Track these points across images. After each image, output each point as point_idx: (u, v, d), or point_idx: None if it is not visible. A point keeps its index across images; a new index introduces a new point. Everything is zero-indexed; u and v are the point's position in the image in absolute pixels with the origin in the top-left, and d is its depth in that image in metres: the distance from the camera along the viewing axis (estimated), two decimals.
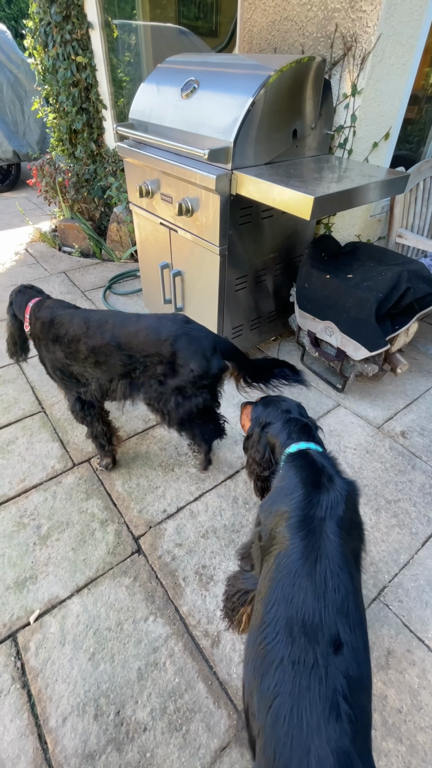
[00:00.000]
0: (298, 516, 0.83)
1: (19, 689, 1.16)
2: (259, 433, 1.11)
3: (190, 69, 1.84)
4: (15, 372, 2.25)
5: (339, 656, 0.67)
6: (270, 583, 0.77)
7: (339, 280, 1.91)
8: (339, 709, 0.62)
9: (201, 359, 1.35)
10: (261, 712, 0.66)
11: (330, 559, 0.76)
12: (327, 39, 1.88)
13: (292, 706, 0.63)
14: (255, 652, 0.72)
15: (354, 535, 0.84)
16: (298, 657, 0.67)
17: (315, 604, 0.71)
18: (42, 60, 3.34)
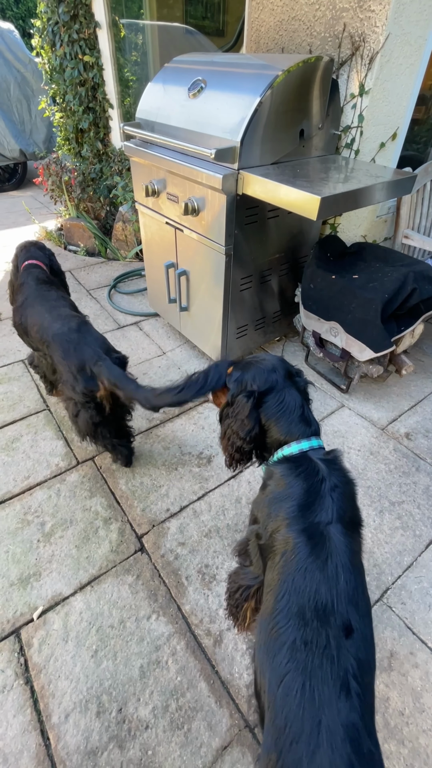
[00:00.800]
0: (301, 523, 0.83)
1: (22, 685, 1.17)
2: (246, 403, 0.97)
3: (197, 68, 1.85)
4: (20, 370, 2.27)
5: (350, 640, 0.70)
6: (279, 576, 0.80)
7: (344, 281, 1.90)
8: (349, 687, 0.66)
9: (68, 373, 1.38)
10: (272, 686, 0.69)
11: (339, 556, 0.79)
12: (335, 39, 1.87)
13: (304, 681, 0.67)
14: (267, 635, 0.75)
15: (356, 534, 0.86)
16: (311, 638, 0.70)
17: (327, 593, 0.74)
18: (49, 59, 3.35)
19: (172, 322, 2.50)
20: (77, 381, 1.36)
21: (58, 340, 1.41)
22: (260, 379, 1.00)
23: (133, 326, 2.67)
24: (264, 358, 1.05)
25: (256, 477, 1.75)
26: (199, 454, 1.84)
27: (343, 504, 0.86)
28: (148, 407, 1.27)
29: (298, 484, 0.88)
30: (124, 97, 3.45)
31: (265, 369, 1.01)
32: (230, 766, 1.05)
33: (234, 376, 1.04)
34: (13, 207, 4.81)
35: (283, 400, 0.98)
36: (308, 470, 0.90)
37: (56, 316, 1.49)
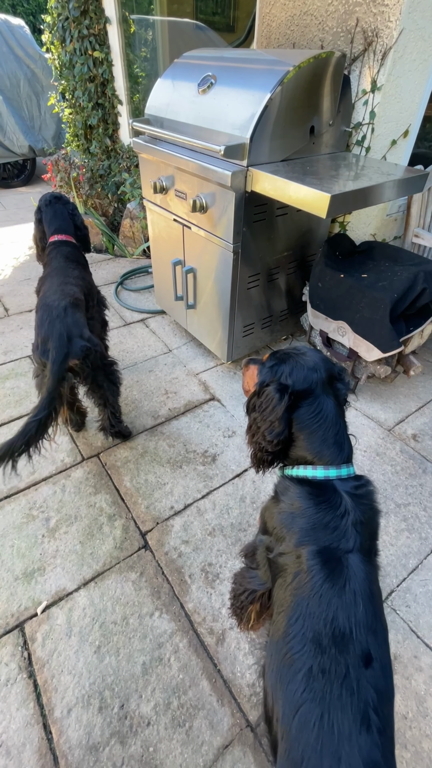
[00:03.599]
0: (317, 546, 0.79)
1: (25, 679, 1.18)
2: (277, 400, 0.85)
3: (207, 64, 1.83)
4: (27, 365, 2.28)
5: (369, 670, 0.67)
6: (293, 598, 0.77)
7: (353, 280, 1.88)
8: (370, 721, 0.62)
9: (36, 339, 1.45)
10: (287, 716, 0.66)
11: (359, 583, 0.75)
12: (347, 34, 1.85)
13: (323, 713, 0.63)
14: (280, 660, 0.72)
15: (374, 561, 0.82)
16: (329, 667, 0.67)
17: (346, 621, 0.71)
18: (59, 55, 3.35)
19: (179, 320, 2.49)
20: (38, 349, 1.43)
21: (44, 309, 1.47)
22: (298, 376, 0.86)
23: (139, 323, 2.67)
24: (304, 351, 0.90)
25: (260, 476, 1.74)
26: (204, 452, 1.84)
27: (366, 537, 0.81)
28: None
29: (316, 514, 0.82)
30: (133, 93, 3.44)
31: (305, 365, 0.87)
32: (231, 765, 1.05)
33: (268, 363, 0.91)
34: (22, 203, 4.83)
35: (320, 411, 0.86)
36: (330, 502, 0.82)
37: (58, 291, 1.53)
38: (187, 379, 2.23)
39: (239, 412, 2.04)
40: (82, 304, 1.57)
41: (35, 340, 1.46)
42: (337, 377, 0.91)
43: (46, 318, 1.44)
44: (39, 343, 1.43)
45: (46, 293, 1.54)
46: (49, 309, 1.46)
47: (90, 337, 1.47)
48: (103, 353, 1.59)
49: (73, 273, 1.66)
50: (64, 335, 1.40)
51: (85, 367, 1.46)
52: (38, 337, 1.44)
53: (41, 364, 1.44)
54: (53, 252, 1.74)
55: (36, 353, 1.44)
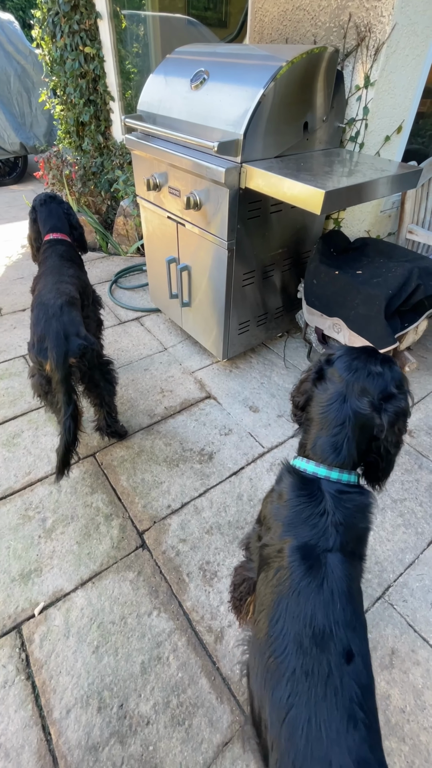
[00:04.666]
0: (297, 542, 0.80)
1: (23, 680, 1.17)
2: (310, 372, 0.89)
3: (199, 60, 1.82)
4: (21, 365, 2.26)
5: (351, 665, 0.67)
6: (273, 596, 0.77)
7: (348, 276, 1.88)
8: (356, 718, 0.62)
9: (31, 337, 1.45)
10: (275, 724, 0.65)
11: (336, 582, 0.75)
12: (340, 29, 1.84)
13: (310, 717, 0.63)
14: (263, 665, 0.72)
15: (356, 563, 0.81)
16: (312, 668, 0.67)
17: (325, 619, 0.71)
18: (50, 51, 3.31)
19: (174, 318, 2.48)
20: (34, 348, 1.42)
21: (40, 307, 1.46)
22: (340, 365, 0.86)
23: (134, 322, 2.66)
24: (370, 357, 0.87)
25: (257, 474, 1.74)
26: (201, 450, 1.83)
27: (348, 538, 0.80)
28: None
29: (296, 507, 0.83)
30: (126, 89, 3.41)
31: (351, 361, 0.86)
32: (231, 762, 1.05)
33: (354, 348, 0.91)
34: (14, 201, 4.78)
35: (330, 405, 0.85)
36: (311, 498, 0.83)
37: (54, 289, 1.52)
38: (183, 378, 2.22)
39: (235, 410, 2.04)
40: (77, 302, 1.56)
41: (31, 339, 1.45)
42: (375, 396, 0.84)
43: (42, 316, 1.43)
44: (35, 342, 1.42)
45: (41, 292, 1.53)
46: (45, 307, 1.44)
47: (86, 335, 1.46)
48: (100, 352, 1.59)
49: (68, 272, 1.64)
50: (61, 333, 1.39)
51: (82, 365, 1.45)
52: (34, 336, 1.43)
53: (37, 363, 1.43)
54: (48, 250, 1.73)
55: (32, 352, 1.43)
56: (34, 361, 1.45)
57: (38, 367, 1.44)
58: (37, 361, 1.42)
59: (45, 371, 1.42)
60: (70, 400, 1.43)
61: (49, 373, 1.42)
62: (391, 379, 0.85)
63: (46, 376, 1.44)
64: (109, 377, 1.65)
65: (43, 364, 1.41)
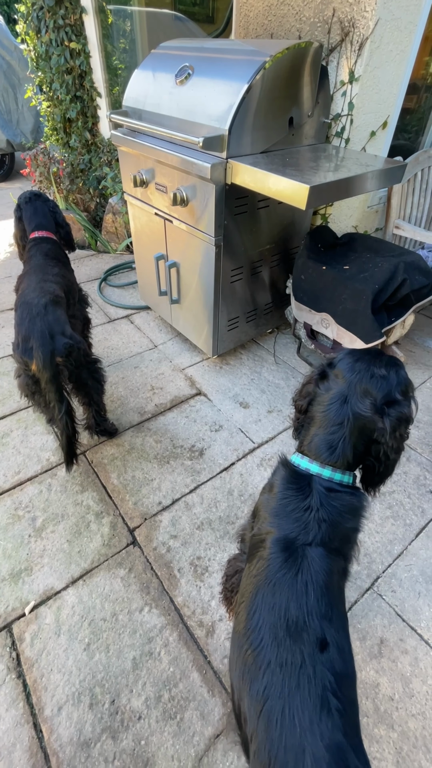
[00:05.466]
0: (278, 534, 0.80)
1: (14, 679, 1.17)
2: (311, 376, 0.90)
3: (184, 55, 1.81)
4: (9, 365, 2.24)
5: (325, 654, 0.67)
6: (252, 588, 0.77)
7: (335, 272, 1.89)
8: (330, 705, 0.63)
9: (16, 337, 1.45)
10: (252, 717, 0.66)
11: (312, 574, 0.75)
12: (324, 24, 1.84)
13: (284, 707, 0.63)
14: (242, 658, 0.72)
15: (338, 560, 0.80)
16: (286, 659, 0.67)
17: (297, 609, 0.71)
18: (35, 46, 3.27)
19: (164, 315, 2.48)
20: (18, 348, 1.41)
21: (23, 307, 1.45)
22: (342, 365, 0.87)
23: (124, 319, 2.65)
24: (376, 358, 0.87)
25: (248, 469, 1.75)
26: (191, 447, 1.84)
27: (331, 536, 0.79)
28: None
29: (283, 500, 0.83)
30: (113, 85, 3.38)
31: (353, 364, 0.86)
32: (222, 753, 1.06)
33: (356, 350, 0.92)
34: (1, 199, 4.72)
35: (331, 404, 0.85)
36: (299, 492, 0.83)
37: (37, 288, 1.51)
38: (173, 375, 2.22)
39: (226, 407, 2.04)
40: (62, 301, 1.55)
41: (15, 339, 1.44)
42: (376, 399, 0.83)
43: (26, 316, 1.41)
44: (20, 342, 1.40)
45: (25, 291, 1.51)
46: (28, 307, 1.43)
47: (72, 334, 1.45)
48: (87, 351, 1.58)
49: (52, 270, 1.63)
50: (46, 333, 1.38)
51: (69, 364, 1.44)
52: (18, 336, 1.41)
53: (23, 363, 1.42)
54: (33, 249, 1.71)
55: (17, 352, 1.42)
56: (19, 361, 1.43)
57: (24, 368, 1.43)
58: (22, 361, 1.41)
59: (31, 371, 1.41)
60: (62, 398, 1.44)
61: (35, 373, 1.41)
62: (397, 384, 0.84)
63: (33, 376, 1.43)
64: (97, 376, 1.65)
65: (29, 365, 1.40)
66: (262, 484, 1.69)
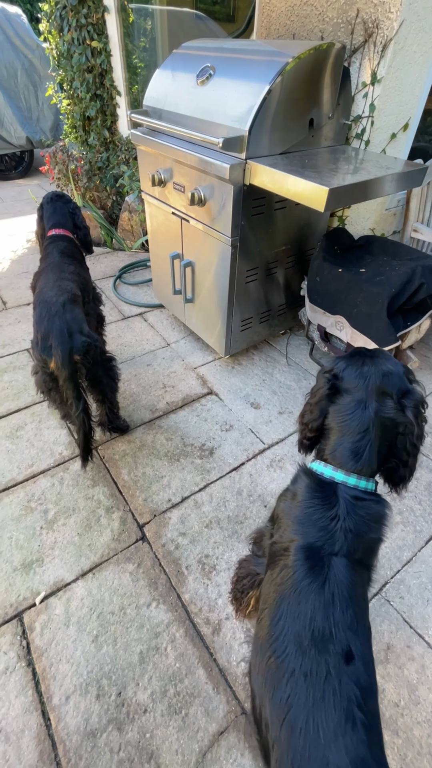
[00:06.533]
0: (303, 542, 0.80)
1: (24, 667, 1.19)
2: (322, 388, 0.89)
3: (206, 55, 1.81)
4: (25, 359, 2.28)
5: (351, 666, 0.67)
6: (276, 595, 0.77)
7: (351, 274, 1.88)
8: (355, 718, 0.62)
9: (35, 335, 1.47)
10: (275, 724, 0.66)
11: (338, 585, 0.74)
12: (348, 25, 1.83)
13: (308, 718, 0.63)
14: (265, 664, 0.72)
15: (363, 571, 0.81)
16: (310, 669, 0.67)
17: (324, 620, 0.71)
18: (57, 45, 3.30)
19: (177, 314, 2.49)
20: (38, 346, 1.43)
21: (42, 305, 1.47)
22: (349, 374, 0.88)
23: (137, 317, 2.67)
24: (378, 359, 0.89)
25: (257, 470, 1.75)
26: (202, 445, 1.85)
27: (356, 547, 0.79)
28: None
29: (309, 509, 0.82)
30: (132, 84, 3.41)
31: (360, 368, 0.88)
32: (226, 750, 1.07)
33: (346, 356, 0.93)
34: (20, 196, 4.79)
35: (351, 414, 0.85)
36: (325, 501, 0.82)
37: (55, 287, 1.53)
38: (185, 373, 2.23)
39: (237, 406, 2.05)
40: (79, 299, 1.57)
41: (34, 337, 1.46)
42: (394, 396, 0.85)
43: (45, 314, 1.44)
44: (39, 340, 1.43)
45: (43, 289, 1.54)
46: (47, 305, 1.46)
47: (89, 332, 1.48)
48: (103, 349, 1.60)
49: (69, 268, 1.65)
50: (64, 331, 1.41)
51: (86, 362, 1.46)
52: (38, 334, 1.44)
53: (41, 360, 1.44)
54: (49, 247, 1.74)
55: (36, 350, 1.44)
56: (38, 359, 1.46)
57: (42, 365, 1.45)
58: (41, 359, 1.44)
59: (49, 369, 1.44)
60: (79, 395, 1.46)
61: (54, 370, 1.43)
62: (401, 375, 0.86)
63: (51, 373, 1.45)
64: (112, 374, 1.67)
65: (47, 362, 1.42)
66: (271, 485, 1.70)
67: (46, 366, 1.43)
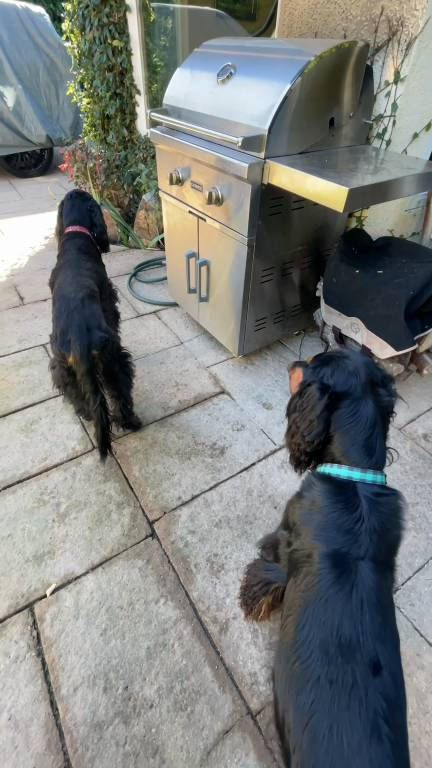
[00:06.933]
0: (328, 549, 0.79)
1: (34, 657, 1.21)
2: (318, 399, 0.87)
3: (227, 54, 1.81)
4: (41, 354, 2.31)
5: (378, 678, 0.66)
6: (301, 601, 0.77)
7: (368, 276, 1.86)
8: (380, 732, 0.61)
9: (54, 330, 1.49)
10: (297, 729, 0.66)
11: (366, 592, 0.73)
12: (371, 23, 1.80)
13: (332, 725, 0.62)
14: (289, 669, 0.72)
15: (388, 574, 0.80)
16: (336, 677, 0.66)
17: (352, 628, 0.70)
18: (78, 44, 3.34)
19: (191, 313, 2.50)
20: (56, 340, 1.45)
21: (61, 301, 1.49)
22: (339, 378, 0.88)
23: (152, 315, 2.68)
24: (348, 355, 0.92)
25: (268, 470, 1.75)
26: (213, 444, 1.85)
27: (381, 547, 0.78)
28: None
29: (332, 514, 0.81)
30: (152, 83, 3.42)
31: (346, 368, 0.89)
32: (231, 749, 1.07)
33: (311, 365, 0.93)
34: (39, 193, 4.86)
35: (355, 413, 0.86)
36: (347, 503, 0.81)
37: (74, 283, 1.55)
38: (198, 372, 2.24)
39: (248, 406, 2.05)
40: (97, 295, 1.59)
41: (53, 331, 1.48)
42: (379, 383, 0.91)
43: (65, 309, 1.46)
44: (58, 335, 1.45)
45: (62, 285, 1.56)
46: (66, 301, 1.48)
47: (107, 328, 1.49)
48: (119, 344, 1.61)
49: (86, 265, 1.67)
50: (83, 326, 1.43)
51: (103, 357, 1.48)
52: (57, 329, 1.46)
53: (60, 355, 1.46)
54: (67, 243, 1.76)
55: (55, 344, 1.46)
56: (56, 353, 1.48)
57: (60, 359, 1.47)
58: (59, 353, 1.46)
59: (67, 363, 1.46)
60: (97, 389, 1.48)
61: (72, 365, 1.45)
62: (372, 362, 0.93)
63: (68, 368, 1.47)
64: (127, 370, 1.68)
65: (65, 357, 1.44)
66: (282, 486, 1.69)
67: (65, 361, 1.45)
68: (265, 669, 1.21)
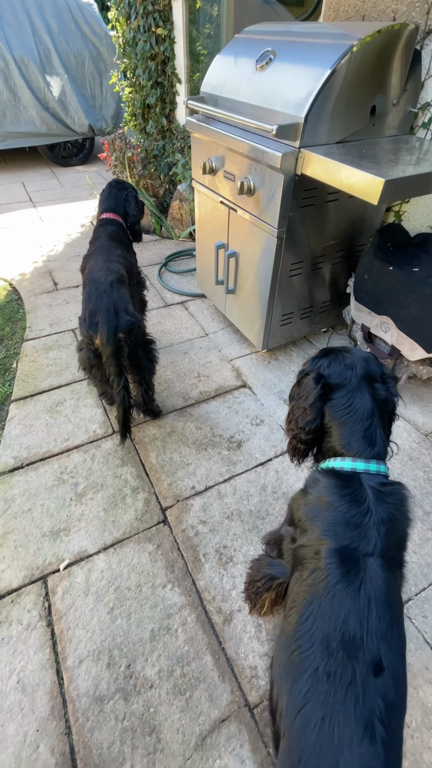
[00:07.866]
0: (336, 545, 0.77)
1: (44, 627, 1.27)
2: (311, 388, 0.90)
3: (268, 39, 1.76)
4: (70, 338, 2.38)
5: (379, 679, 0.65)
6: (306, 595, 0.76)
7: (403, 274, 1.78)
8: (374, 731, 0.60)
9: (83, 312, 1.52)
10: (289, 715, 0.66)
11: (374, 589, 0.72)
12: (424, 4, 1.70)
13: (324, 716, 0.62)
14: (287, 657, 0.72)
15: (397, 571, 0.79)
16: (335, 671, 0.66)
17: (357, 625, 0.69)
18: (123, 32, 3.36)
19: (218, 305, 2.49)
20: (84, 322, 1.48)
21: (91, 284, 1.53)
22: (334, 369, 0.91)
23: (179, 305, 2.70)
24: (349, 350, 0.94)
25: (284, 467, 1.73)
26: (230, 437, 1.85)
27: (389, 542, 0.77)
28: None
29: (339, 508, 0.80)
30: (194, 71, 3.40)
31: (342, 361, 0.91)
32: (226, 738, 1.08)
33: (314, 356, 0.97)
34: (78, 181, 4.97)
35: (351, 405, 0.87)
36: (354, 496, 0.81)
37: (104, 267, 1.59)
38: (221, 365, 2.23)
39: (269, 401, 2.02)
40: (126, 280, 1.62)
41: (82, 314, 1.52)
42: (378, 378, 0.91)
43: (94, 292, 1.49)
44: (86, 317, 1.49)
45: (92, 269, 1.60)
46: (96, 284, 1.51)
47: (134, 312, 1.52)
48: (144, 330, 1.64)
49: (116, 251, 1.70)
50: (111, 309, 1.46)
51: (129, 341, 1.51)
52: (86, 311, 1.50)
53: (87, 337, 1.50)
54: (99, 230, 1.80)
55: (83, 326, 1.50)
56: (84, 335, 1.52)
57: (87, 341, 1.51)
58: (87, 335, 1.50)
59: (94, 345, 1.49)
60: (121, 372, 1.52)
61: (98, 346, 1.49)
62: (374, 359, 0.93)
63: (94, 350, 1.51)
64: (151, 356, 1.70)
65: (93, 338, 1.48)
66: (297, 484, 1.66)
67: (92, 343, 1.49)
68: (266, 664, 1.20)
